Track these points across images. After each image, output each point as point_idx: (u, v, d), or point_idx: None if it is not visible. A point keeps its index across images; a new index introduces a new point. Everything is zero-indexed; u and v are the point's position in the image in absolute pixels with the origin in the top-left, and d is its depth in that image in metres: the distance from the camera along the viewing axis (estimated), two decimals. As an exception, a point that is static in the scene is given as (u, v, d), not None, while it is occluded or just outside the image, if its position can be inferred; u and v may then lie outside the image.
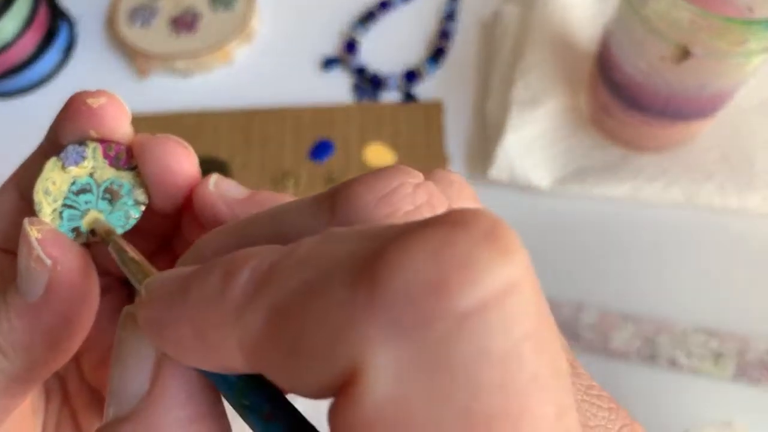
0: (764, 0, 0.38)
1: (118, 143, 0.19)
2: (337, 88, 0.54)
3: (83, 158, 0.19)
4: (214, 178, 0.19)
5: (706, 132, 0.49)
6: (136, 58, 0.55)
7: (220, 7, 0.56)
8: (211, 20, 0.56)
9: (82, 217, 0.19)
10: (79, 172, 0.19)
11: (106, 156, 0.19)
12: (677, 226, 0.47)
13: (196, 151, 0.20)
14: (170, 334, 0.13)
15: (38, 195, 0.19)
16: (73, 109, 0.19)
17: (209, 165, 0.50)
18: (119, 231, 0.19)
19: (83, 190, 0.19)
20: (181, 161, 0.19)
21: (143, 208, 0.19)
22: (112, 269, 0.22)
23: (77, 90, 0.59)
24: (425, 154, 0.51)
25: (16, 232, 0.18)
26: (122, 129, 0.19)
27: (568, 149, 0.49)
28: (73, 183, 0.19)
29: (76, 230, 0.19)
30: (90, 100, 0.19)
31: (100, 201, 0.19)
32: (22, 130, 0.54)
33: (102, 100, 0.19)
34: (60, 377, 0.23)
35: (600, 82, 0.46)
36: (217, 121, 0.52)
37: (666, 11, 0.37)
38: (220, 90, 0.55)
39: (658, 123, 0.45)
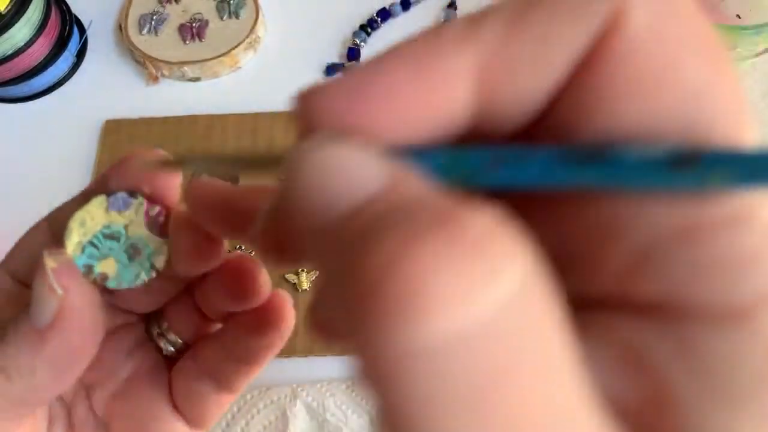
0: (752, 7, 0.40)
1: (161, 207, 0.20)
2: (340, 93, 0.56)
3: (127, 208, 0.20)
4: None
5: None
6: (145, 65, 0.56)
7: (227, 15, 0.58)
8: (218, 28, 0.57)
9: (100, 259, 0.20)
10: (118, 219, 0.20)
11: (146, 215, 0.20)
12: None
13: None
14: (380, 87, 0.11)
15: (74, 222, 0.20)
16: (132, 163, 0.20)
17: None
18: (125, 286, 0.20)
19: (112, 237, 0.20)
20: (209, 242, 0.20)
21: (155, 274, 0.20)
22: (132, 308, 0.23)
23: (88, 95, 0.60)
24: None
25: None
26: (170, 194, 0.20)
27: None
28: (108, 226, 0.20)
29: (89, 268, 0.20)
30: (149, 159, 0.20)
31: (122, 252, 0.20)
32: (34, 134, 0.55)
33: (158, 159, 0.20)
34: (66, 405, 0.23)
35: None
36: (225, 125, 0.54)
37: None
38: (228, 95, 0.56)
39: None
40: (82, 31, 0.59)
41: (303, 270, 0.47)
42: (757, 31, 0.36)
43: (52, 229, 0.21)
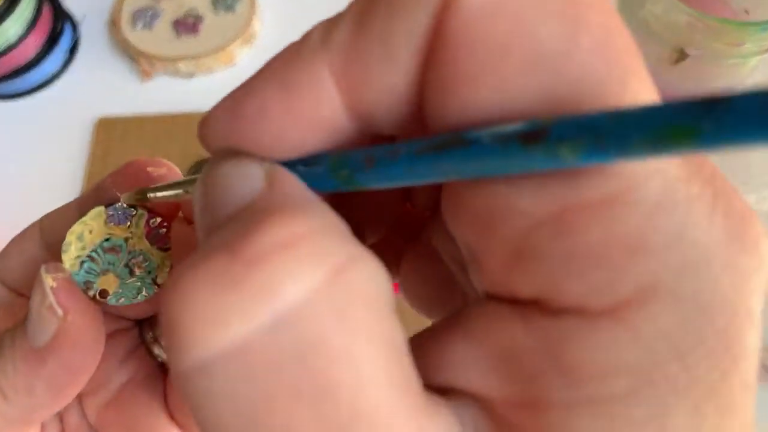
0: (760, 2, 0.39)
1: (163, 218, 0.19)
2: (338, 90, 0.55)
3: (127, 220, 0.19)
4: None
5: (702, 133, 0.49)
6: (138, 60, 0.55)
7: (222, 9, 0.57)
8: (213, 22, 0.56)
9: (99, 275, 0.19)
10: (118, 231, 0.19)
11: (147, 226, 0.19)
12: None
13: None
14: (251, 106, 0.12)
15: (71, 236, 0.19)
16: (132, 172, 0.19)
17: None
18: (125, 302, 0.19)
19: (112, 250, 0.19)
20: None
21: (157, 289, 0.19)
22: (126, 314, 0.22)
23: (81, 91, 0.59)
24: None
25: (32, 276, 0.18)
26: (172, 204, 0.19)
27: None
28: (107, 239, 0.19)
29: (88, 285, 0.19)
30: (150, 169, 0.19)
31: (122, 267, 0.19)
32: (26, 132, 0.54)
33: (162, 171, 0.19)
34: (59, 414, 0.23)
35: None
36: (219, 122, 0.53)
37: (663, 14, 0.37)
38: (223, 91, 0.54)
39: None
40: (75, 26, 0.58)
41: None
42: (765, 27, 0.35)
43: (44, 235, 0.20)
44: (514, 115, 0.10)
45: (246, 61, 0.57)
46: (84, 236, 0.19)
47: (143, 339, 0.23)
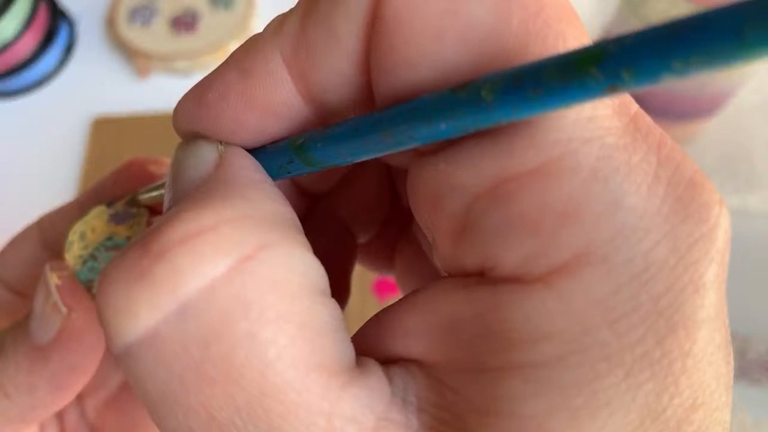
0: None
1: None
2: (337, 88, 0.54)
3: (129, 219, 0.19)
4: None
5: (706, 132, 0.49)
6: (136, 58, 0.55)
7: (220, 7, 0.56)
8: (210, 20, 0.56)
9: (99, 272, 0.19)
10: (119, 231, 0.19)
11: (148, 225, 0.19)
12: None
13: None
14: (213, 94, 0.13)
15: (74, 235, 0.19)
16: (134, 171, 0.19)
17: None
18: None
19: (115, 249, 0.19)
20: None
21: None
22: None
23: (77, 90, 0.59)
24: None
25: (31, 276, 0.18)
26: None
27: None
28: (110, 238, 0.19)
29: (90, 283, 0.19)
30: (152, 167, 0.19)
31: None
32: (22, 131, 0.54)
33: (162, 170, 0.19)
34: (58, 413, 0.23)
35: (600, 82, 0.46)
36: (217, 121, 0.53)
37: (665, 10, 0.37)
38: (220, 90, 0.55)
39: (658, 123, 0.45)
40: (71, 24, 0.58)
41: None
42: None
43: (44, 235, 0.20)
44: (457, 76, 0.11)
45: (244, 59, 0.56)
46: (86, 235, 0.19)
47: None
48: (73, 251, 0.19)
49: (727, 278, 0.38)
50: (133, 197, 0.19)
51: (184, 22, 0.56)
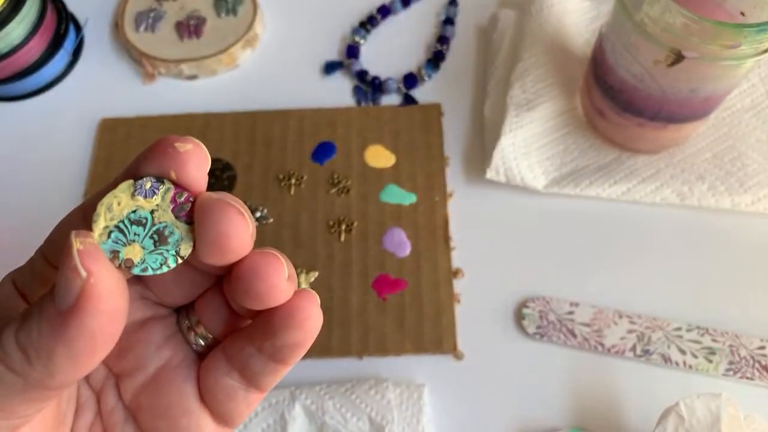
0: (756, 4, 0.39)
1: (189, 193, 0.20)
2: (339, 92, 0.55)
3: (154, 194, 0.20)
4: None
5: (699, 134, 0.50)
6: (142, 62, 0.56)
7: (224, 12, 0.57)
8: (215, 25, 0.57)
9: (125, 245, 0.20)
10: (144, 204, 0.20)
11: (173, 200, 0.20)
12: (670, 226, 0.48)
13: None
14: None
15: (101, 207, 0.20)
16: (161, 148, 0.20)
17: (215, 166, 0.51)
18: (150, 272, 0.20)
19: (138, 222, 0.20)
20: (236, 229, 0.20)
21: (180, 260, 0.20)
22: (164, 300, 0.23)
23: (84, 93, 0.60)
24: (424, 155, 0.52)
25: None
26: (199, 179, 0.20)
27: (564, 151, 0.50)
28: (134, 211, 0.20)
29: (114, 254, 0.20)
30: (178, 144, 0.20)
31: (147, 238, 0.20)
32: (30, 133, 0.55)
33: (188, 147, 0.20)
34: (96, 393, 0.23)
35: (594, 86, 0.47)
36: (222, 123, 0.53)
37: (659, 16, 0.38)
38: (225, 93, 0.56)
39: (652, 125, 0.46)
40: (78, 29, 0.59)
41: (301, 271, 0.47)
42: (760, 29, 0.35)
43: (86, 216, 0.21)
44: None
45: (248, 63, 0.57)
46: (113, 207, 0.20)
47: (180, 326, 0.24)
48: (100, 222, 0.20)
49: (720, 276, 0.40)
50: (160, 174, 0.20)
51: (189, 27, 0.57)
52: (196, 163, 0.20)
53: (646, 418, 0.42)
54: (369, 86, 0.55)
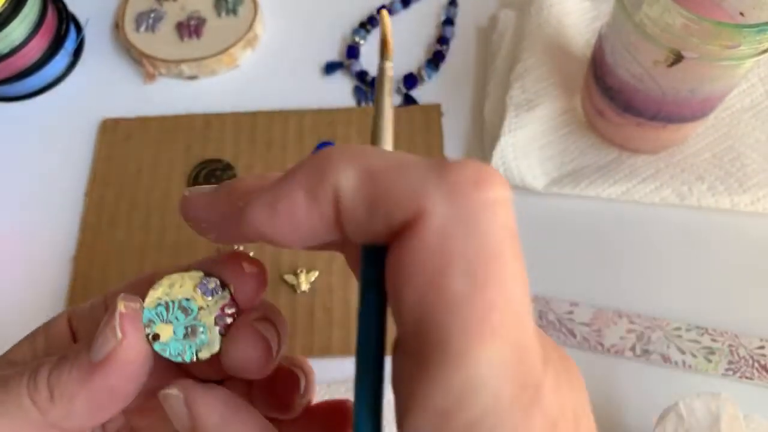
0: (755, 4, 0.39)
1: (237, 310, 0.22)
2: (339, 92, 0.55)
3: (212, 295, 0.22)
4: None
5: (698, 134, 0.50)
6: (142, 63, 0.56)
7: (225, 12, 0.57)
8: (216, 25, 0.57)
9: (162, 321, 0.21)
10: (199, 299, 0.22)
11: (221, 309, 0.22)
12: (670, 226, 0.48)
13: (203, 153, 0.22)
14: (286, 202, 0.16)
15: (166, 281, 0.22)
16: (233, 263, 0.22)
17: (215, 166, 0.51)
18: (165, 354, 0.21)
19: (184, 310, 0.22)
20: (259, 360, 0.21)
21: (195, 360, 0.22)
22: (197, 376, 0.24)
23: (85, 93, 0.60)
24: (424, 155, 0.52)
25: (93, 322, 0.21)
26: (251, 300, 0.22)
27: (563, 151, 0.50)
28: (187, 299, 0.22)
29: (149, 323, 0.21)
30: (245, 264, 0.22)
31: (182, 327, 0.21)
32: (31, 133, 0.55)
33: (253, 270, 0.22)
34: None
35: (594, 86, 0.47)
36: (223, 124, 0.53)
37: (659, 16, 0.38)
38: (225, 93, 0.56)
39: (652, 125, 0.46)
40: (79, 29, 0.59)
41: (302, 271, 0.47)
42: (760, 29, 0.35)
43: (151, 285, 0.23)
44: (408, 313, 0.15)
45: (248, 63, 0.57)
46: (174, 286, 0.22)
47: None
48: (157, 292, 0.21)
49: (719, 276, 0.40)
50: (223, 279, 0.22)
51: (190, 28, 0.57)
52: (252, 286, 0.22)
53: (645, 417, 0.42)
54: (369, 86, 0.55)
